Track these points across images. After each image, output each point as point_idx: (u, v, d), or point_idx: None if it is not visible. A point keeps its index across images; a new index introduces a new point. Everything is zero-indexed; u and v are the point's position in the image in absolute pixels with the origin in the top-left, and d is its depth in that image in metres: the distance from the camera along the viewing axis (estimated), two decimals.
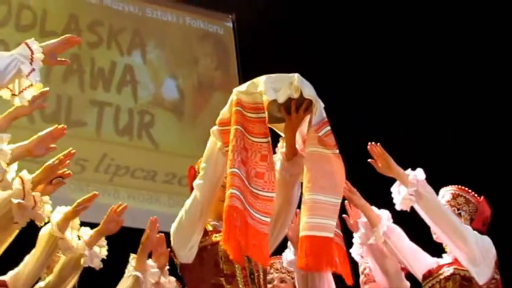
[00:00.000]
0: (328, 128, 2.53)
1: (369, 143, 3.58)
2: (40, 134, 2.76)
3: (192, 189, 2.85)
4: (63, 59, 2.76)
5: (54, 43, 2.71)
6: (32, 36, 5.21)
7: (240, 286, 2.64)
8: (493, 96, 6.94)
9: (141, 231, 5.14)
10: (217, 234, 2.75)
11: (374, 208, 3.80)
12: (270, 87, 2.50)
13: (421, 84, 7.17)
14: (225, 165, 2.52)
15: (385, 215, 3.66)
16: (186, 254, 2.68)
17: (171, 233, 2.73)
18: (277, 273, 3.60)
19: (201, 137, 5.82)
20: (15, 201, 2.68)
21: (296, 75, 2.52)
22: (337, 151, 2.53)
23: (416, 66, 7.23)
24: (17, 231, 2.79)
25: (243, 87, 2.53)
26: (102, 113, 6.15)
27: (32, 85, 2.54)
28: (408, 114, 7.07)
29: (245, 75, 6.55)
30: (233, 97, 2.51)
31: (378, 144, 3.60)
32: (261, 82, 2.52)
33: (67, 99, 6.00)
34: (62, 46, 2.77)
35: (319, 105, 2.54)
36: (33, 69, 2.47)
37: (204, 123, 6.32)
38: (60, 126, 2.79)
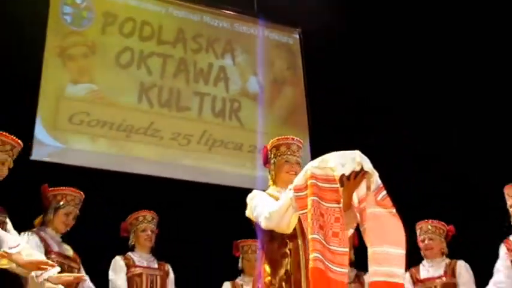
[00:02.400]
0: (385, 192, 2.80)
1: None
2: (34, 260, 2.97)
3: (265, 163, 3.42)
4: None
5: (69, 279, 3.22)
6: (151, 44, 6.49)
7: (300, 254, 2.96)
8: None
9: (230, 188, 5.83)
10: None
11: None
12: (338, 163, 2.73)
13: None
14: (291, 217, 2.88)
15: None
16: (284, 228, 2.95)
17: (268, 216, 2.96)
18: None
19: (275, 119, 6.88)
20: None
21: (357, 152, 2.79)
22: (394, 210, 2.79)
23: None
24: None
25: (315, 163, 2.75)
26: (202, 101, 6.59)
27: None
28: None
29: (309, 75, 7.22)
30: (307, 171, 2.74)
31: None
32: (330, 159, 2.75)
33: (177, 91, 6.48)
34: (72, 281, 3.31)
35: (375, 176, 2.79)
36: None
37: (277, 109, 7.01)
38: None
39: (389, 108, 6.83)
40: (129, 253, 4.55)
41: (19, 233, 3.82)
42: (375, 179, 2.80)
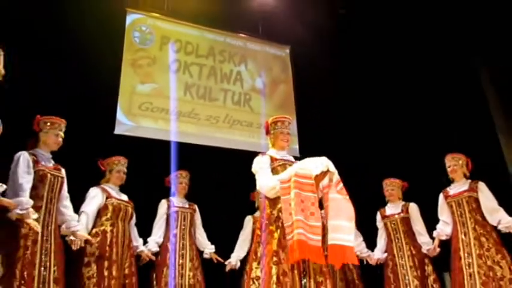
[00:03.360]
0: (342, 185, 2.80)
1: None
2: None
3: (266, 133, 3.30)
4: None
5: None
6: (192, 57, 6.54)
7: None
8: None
9: (244, 152, 5.56)
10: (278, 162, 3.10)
11: None
12: (313, 167, 2.75)
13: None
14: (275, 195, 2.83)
15: None
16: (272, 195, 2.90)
17: (259, 188, 2.96)
18: None
19: (273, 106, 6.76)
20: None
21: (325, 159, 2.81)
22: (348, 197, 2.77)
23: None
24: None
25: (299, 166, 2.78)
26: (226, 94, 6.57)
27: None
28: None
29: (296, 76, 7.06)
30: (294, 172, 2.74)
31: None
32: (308, 164, 2.78)
33: (209, 88, 6.49)
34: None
35: (336, 173, 2.80)
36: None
37: (274, 100, 6.92)
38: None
39: (354, 98, 6.69)
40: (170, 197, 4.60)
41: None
42: (335, 175, 2.82)
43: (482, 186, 4.13)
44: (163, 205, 4.47)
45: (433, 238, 4.40)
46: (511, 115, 5.81)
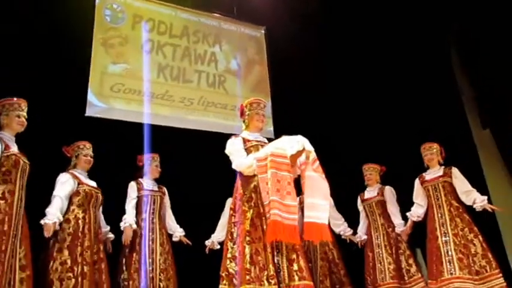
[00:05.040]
0: (318, 163, 2.83)
1: None
2: None
3: (241, 115, 3.31)
4: None
5: None
6: (165, 37, 6.40)
7: None
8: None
9: (218, 134, 5.43)
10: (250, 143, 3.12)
11: None
12: (288, 146, 2.80)
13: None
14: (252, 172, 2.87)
15: None
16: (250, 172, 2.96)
17: (235, 166, 3.01)
18: None
19: (248, 87, 6.68)
20: None
21: (300, 137, 2.84)
22: (323, 175, 2.81)
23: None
24: None
25: (274, 145, 2.82)
26: (200, 76, 6.44)
27: None
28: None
29: (270, 58, 6.98)
30: (269, 151, 2.79)
31: None
32: (284, 143, 2.82)
33: (183, 69, 6.35)
34: None
35: (312, 152, 2.84)
36: None
37: (249, 81, 6.83)
38: None
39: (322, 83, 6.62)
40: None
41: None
42: (312, 153, 2.85)
43: (455, 171, 4.40)
44: (133, 187, 4.31)
45: (406, 219, 4.64)
46: (482, 104, 6.04)
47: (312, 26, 6.68)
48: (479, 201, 4.14)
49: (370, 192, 4.98)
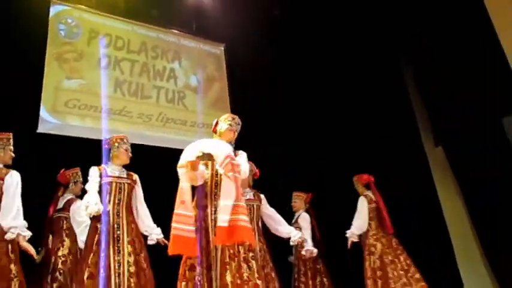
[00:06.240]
0: (227, 160, 2.73)
1: None
2: None
3: (214, 129, 3.20)
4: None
5: None
6: (123, 52, 6.26)
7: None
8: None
9: (172, 150, 5.21)
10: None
11: None
12: (184, 156, 2.84)
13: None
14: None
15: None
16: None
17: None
18: None
19: (207, 104, 6.68)
20: None
21: (199, 143, 2.86)
22: (231, 174, 2.70)
23: None
24: None
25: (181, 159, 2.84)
26: (159, 92, 6.41)
27: None
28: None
29: (230, 74, 7.07)
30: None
31: None
32: (184, 153, 2.86)
33: (141, 85, 6.28)
34: None
35: (219, 153, 2.81)
36: None
37: (209, 98, 6.83)
38: None
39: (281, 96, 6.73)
40: None
41: None
42: (219, 155, 2.80)
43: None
44: (95, 171, 3.54)
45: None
46: (435, 122, 6.17)
47: (270, 43, 6.79)
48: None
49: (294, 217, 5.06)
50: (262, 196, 4.32)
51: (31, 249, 3.16)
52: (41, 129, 5.20)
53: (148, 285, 3.25)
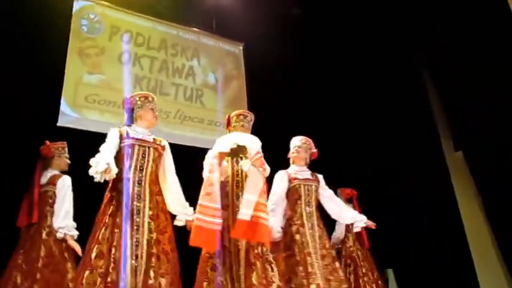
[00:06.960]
0: (259, 155, 2.76)
1: None
2: None
3: (227, 126, 3.31)
4: None
5: None
6: (143, 49, 6.29)
7: None
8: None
9: (189, 148, 5.49)
10: None
11: None
12: (219, 146, 2.86)
13: None
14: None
15: None
16: None
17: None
18: None
19: (225, 102, 6.68)
20: None
21: (234, 134, 2.90)
22: (261, 169, 2.72)
23: None
24: None
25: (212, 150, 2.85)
26: (177, 89, 6.42)
27: None
28: None
29: (247, 73, 7.04)
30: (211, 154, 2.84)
31: None
32: (216, 144, 2.90)
33: (160, 82, 6.31)
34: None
35: (252, 146, 2.83)
36: None
37: (226, 96, 6.86)
38: None
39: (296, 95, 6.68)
40: None
41: None
42: (252, 148, 2.81)
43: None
44: (114, 131, 3.02)
45: None
46: (455, 127, 6.10)
47: (289, 43, 6.73)
48: None
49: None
50: (320, 177, 3.80)
51: (77, 248, 3.31)
52: (61, 122, 5.25)
53: (171, 273, 2.58)
